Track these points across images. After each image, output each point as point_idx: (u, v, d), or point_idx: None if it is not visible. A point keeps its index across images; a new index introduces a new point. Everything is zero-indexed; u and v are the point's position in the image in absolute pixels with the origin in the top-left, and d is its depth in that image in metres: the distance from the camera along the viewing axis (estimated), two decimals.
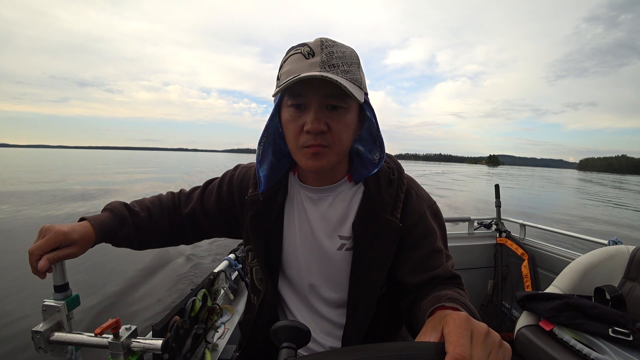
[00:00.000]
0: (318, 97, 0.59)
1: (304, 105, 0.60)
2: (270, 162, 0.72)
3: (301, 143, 0.62)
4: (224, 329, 1.13)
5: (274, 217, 0.73)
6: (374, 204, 0.68)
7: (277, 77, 0.64)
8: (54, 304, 0.60)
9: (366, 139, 0.72)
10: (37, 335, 0.57)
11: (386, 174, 0.72)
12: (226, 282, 1.42)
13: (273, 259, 0.74)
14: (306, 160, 0.63)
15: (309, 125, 0.59)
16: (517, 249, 2.08)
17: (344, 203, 0.72)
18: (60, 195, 10.93)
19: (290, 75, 0.57)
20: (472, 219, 2.35)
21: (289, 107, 0.62)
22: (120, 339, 0.57)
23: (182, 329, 0.82)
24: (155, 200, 0.83)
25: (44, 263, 0.57)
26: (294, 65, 0.58)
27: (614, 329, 1.15)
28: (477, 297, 2.30)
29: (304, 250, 0.73)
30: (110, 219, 0.72)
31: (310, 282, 0.73)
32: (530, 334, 1.30)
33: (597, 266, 1.44)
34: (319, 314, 0.74)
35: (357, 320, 0.69)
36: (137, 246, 0.78)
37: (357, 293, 0.69)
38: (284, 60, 0.62)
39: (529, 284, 1.91)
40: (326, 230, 0.71)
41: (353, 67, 0.60)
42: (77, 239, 0.62)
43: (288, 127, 0.63)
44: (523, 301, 1.42)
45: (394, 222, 0.67)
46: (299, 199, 0.75)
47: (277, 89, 0.59)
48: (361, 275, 0.68)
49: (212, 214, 0.82)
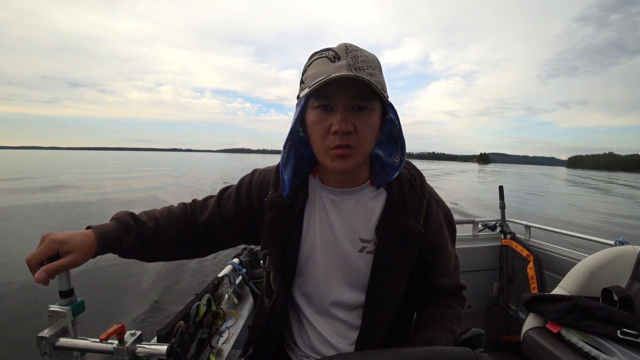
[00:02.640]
0: (345, 98, 0.60)
1: (331, 106, 0.62)
2: (293, 165, 0.73)
3: (327, 144, 0.62)
4: (228, 334, 1.13)
5: (294, 219, 0.73)
6: (398, 210, 0.69)
7: (302, 80, 0.65)
8: (59, 309, 0.60)
9: (385, 143, 0.74)
10: (43, 341, 0.57)
11: (408, 180, 0.73)
12: (230, 287, 1.42)
13: (289, 262, 0.74)
14: (332, 162, 0.64)
15: (336, 126, 0.60)
16: (522, 251, 2.07)
17: (367, 207, 0.72)
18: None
19: (317, 78, 0.58)
20: (476, 220, 2.34)
21: (315, 109, 0.63)
22: (125, 344, 0.57)
23: (187, 334, 0.82)
24: (164, 211, 0.82)
25: (39, 275, 0.57)
26: (320, 69, 0.60)
27: (622, 331, 1.14)
28: (482, 300, 2.28)
29: (324, 251, 0.73)
30: (115, 227, 0.71)
31: (328, 284, 0.73)
32: (538, 336, 1.29)
33: (604, 267, 1.43)
34: (333, 316, 0.74)
35: (374, 324, 0.70)
36: (144, 257, 0.76)
37: (375, 296, 0.70)
38: (308, 64, 0.63)
39: (535, 286, 1.89)
40: (347, 233, 0.72)
41: (376, 70, 0.62)
42: (74, 247, 0.61)
43: (314, 129, 0.64)
44: (529, 303, 1.41)
45: (418, 228, 0.68)
46: (320, 201, 0.75)
47: (308, 89, 0.60)
48: (381, 278, 0.69)
49: (231, 220, 0.81)
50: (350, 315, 0.74)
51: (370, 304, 0.70)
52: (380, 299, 0.70)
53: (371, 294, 0.70)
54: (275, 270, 0.75)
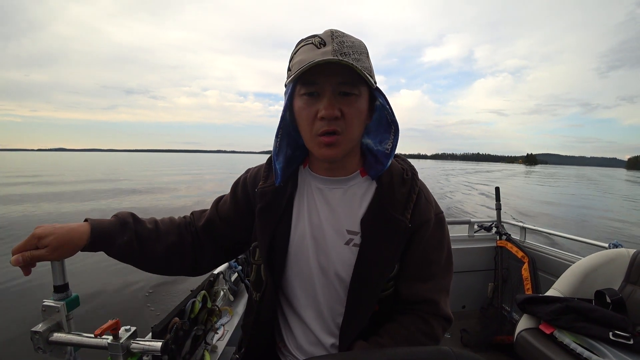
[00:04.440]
0: (331, 84, 0.61)
1: (317, 92, 0.62)
2: (286, 154, 0.73)
3: (315, 130, 0.63)
4: (223, 331, 1.13)
5: (282, 209, 0.73)
6: (385, 202, 0.69)
7: (288, 68, 0.65)
8: (53, 304, 0.60)
9: (374, 131, 0.73)
10: (36, 336, 0.57)
11: (400, 173, 0.73)
12: (226, 284, 1.42)
13: (278, 252, 0.73)
14: (319, 149, 0.64)
15: (323, 111, 0.60)
16: (517, 252, 2.08)
17: (355, 197, 0.72)
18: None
19: (303, 64, 0.58)
20: (472, 221, 2.35)
21: (302, 96, 0.63)
22: (119, 340, 0.57)
23: (182, 331, 0.82)
24: (165, 218, 0.81)
25: (15, 258, 0.58)
26: (306, 55, 0.60)
27: (614, 333, 1.15)
28: (477, 300, 2.30)
29: (312, 242, 0.72)
30: (111, 223, 0.70)
31: (316, 274, 0.72)
32: (531, 337, 1.30)
33: (597, 269, 1.44)
34: (319, 308, 0.74)
35: (355, 317, 0.69)
36: (140, 258, 0.72)
37: (358, 289, 0.69)
38: (295, 52, 0.64)
39: (529, 287, 1.91)
40: (334, 224, 0.71)
41: (363, 56, 0.62)
42: (50, 243, 0.60)
43: (302, 115, 0.64)
44: (523, 304, 1.42)
45: (404, 222, 0.67)
46: (309, 190, 0.75)
47: (292, 76, 0.60)
48: (364, 272, 0.68)
49: (230, 219, 0.80)
50: (337, 308, 0.73)
51: (352, 297, 0.69)
52: (362, 293, 0.68)
53: (354, 287, 0.69)
54: (262, 260, 0.74)
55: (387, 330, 0.70)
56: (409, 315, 0.71)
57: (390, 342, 0.67)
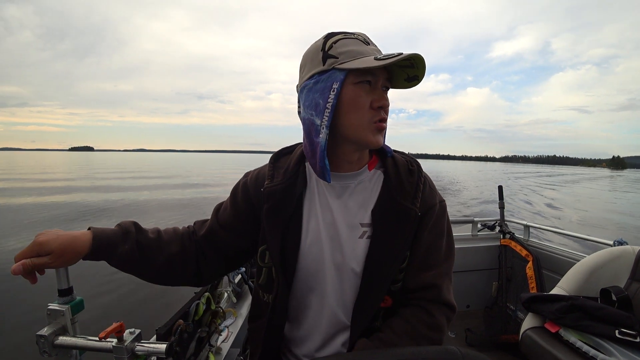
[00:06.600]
0: (383, 78, 0.65)
1: (373, 83, 0.65)
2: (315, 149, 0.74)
3: (371, 117, 0.65)
4: (227, 333, 1.13)
5: (292, 208, 0.72)
6: (395, 192, 0.70)
7: (331, 55, 0.64)
8: (58, 307, 0.60)
9: None
10: (42, 340, 0.57)
11: (405, 164, 0.74)
12: (229, 286, 1.43)
13: (290, 253, 0.72)
14: (374, 136, 0.66)
15: (382, 101, 0.65)
16: (521, 250, 2.07)
17: (366, 190, 0.73)
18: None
19: (358, 55, 0.62)
20: (475, 220, 2.34)
21: (359, 84, 0.64)
22: (124, 343, 0.57)
23: (186, 333, 0.82)
24: (168, 228, 0.80)
25: (15, 266, 0.57)
26: (359, 48, 0.63)
27: (620, 331, 1.14)
28: (481, 299, 2.29)
29: (326, 239, 0.72)
30: (114, 231, 0.69)
31: (330, 273, 0.72)
32: (536, 336, 1.29)
33: (602, 267, 1.43)
34: (331, 305, 0.73)
35: (365, 311, 0.69)
36: (141, 267, 0.71)
37: (369, 281, 0.68)
38: (334, 41, 0.64)
39: (533, 286, 1.89)
40: (348, 219, 0.71)
41: None
42: (52, 250, 0.60)
43: (357, 103, 0.64)
44: (528, 303, 1.41)
45: (414, 211, 0.68)
46: (320, 187, 0.74)
47: (381, 62, 0.59)
48: (376, 262, 0.68)
49: (231, 225, 0.79)
50: (350, 302, 0.72)
51: (364, 289, 0.69)
52: (373, 285, 0.68)
53: (365, 278, 0.69)
54: (274, 263, 0.72)
55: (389, 324, 0.70)
56: (410, 307, 0.71)
57: (392, 336, 0.67)
